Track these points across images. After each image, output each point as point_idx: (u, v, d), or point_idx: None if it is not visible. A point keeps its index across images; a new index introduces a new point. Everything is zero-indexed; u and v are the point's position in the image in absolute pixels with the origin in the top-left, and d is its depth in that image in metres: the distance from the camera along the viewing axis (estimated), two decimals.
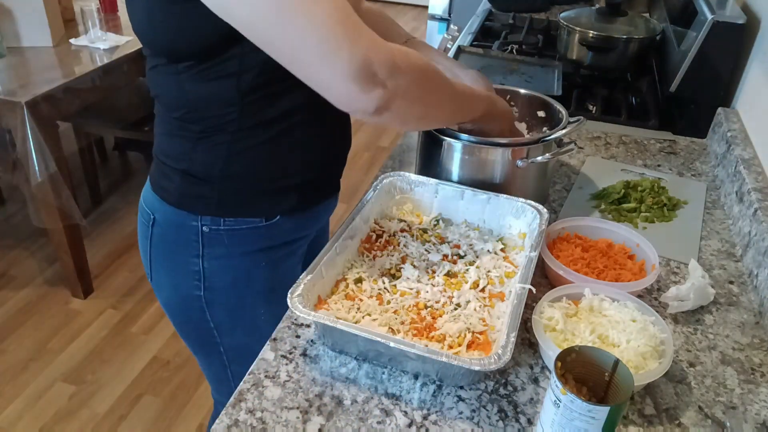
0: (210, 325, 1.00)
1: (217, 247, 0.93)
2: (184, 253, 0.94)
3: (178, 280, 0.97)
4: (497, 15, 2.11)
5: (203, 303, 0.97)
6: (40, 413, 1.88)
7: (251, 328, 1.00)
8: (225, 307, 0.99)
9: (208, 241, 0.92)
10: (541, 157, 0.99)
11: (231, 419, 0.70)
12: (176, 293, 0.99)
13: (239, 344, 1.03)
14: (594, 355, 0.65)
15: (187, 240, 0.93)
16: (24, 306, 2.29)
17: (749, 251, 0.99)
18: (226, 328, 1.01)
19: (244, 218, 0.92)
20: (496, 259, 0.90)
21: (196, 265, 0.94)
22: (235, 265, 0.95)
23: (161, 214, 0.94)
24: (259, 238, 0.94)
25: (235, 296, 0.98)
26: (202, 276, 0.95)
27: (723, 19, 1.27)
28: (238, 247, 0.94)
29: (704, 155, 1.33)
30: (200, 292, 0.96)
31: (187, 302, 0.99)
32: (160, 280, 1.00)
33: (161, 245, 0.96)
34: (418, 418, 0.71)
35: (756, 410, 0.75)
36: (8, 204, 2.84)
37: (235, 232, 0.92)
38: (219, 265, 0.95)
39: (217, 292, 0.97)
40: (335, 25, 0.64)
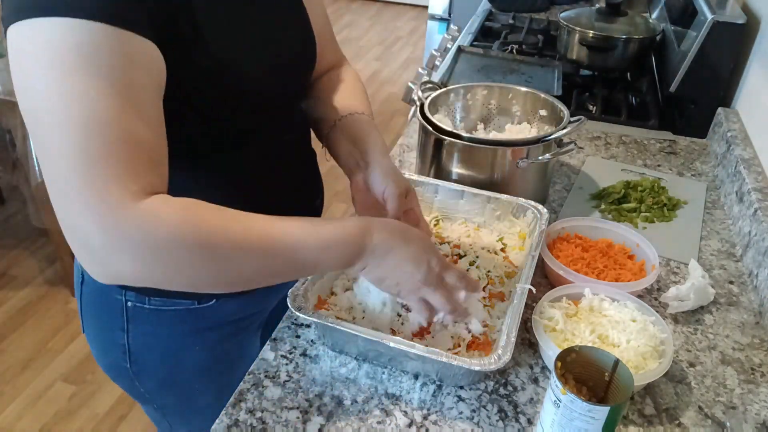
0: (141, 390, 0.92)
1: (141, 325, 0.83)
2: (110, 323, 0.84)
3: (105, 346, 0.89)
4: (497, 15, 2.11)
5: (131, 374, 0.88)
6: (40, 413, 1.88)
7: (188, 396, 0.91)
8: (154, 379, 0.90)
9: (133, 316, 0.82)
10: (542, 157, 0.99)
11: (231, 419, 0.70)
12: (104, 357, 0.91)
13: (176, 406, 0.95)
14: (594, 355, 0.65)
15: (111, 310, 0.83)
16: (24, 306, 2.28)
17: (749, 251, 0.99)
18: (158, 395, 0.93)
19: (173, 299, 0.81)
20: (496, 259, 0.90)
21: (121, 339, 0.84)
22: (163, 345, 0.86)
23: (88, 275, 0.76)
24: (192, 319, 0.84)
25: (166, 371, 0.89)
26: (127, 350, 0.85)
27: (723, 19, 1.27)
28: (166, 328, 0.84)
29: (704, 155, 1.33)
30: (126, 364, 0.87)
31: (115, 369, 0.90)
32: (89, 338, 0.91)
33: (89, 307, 0.87)
34: (418, 418, 0.71)
35: (756, 410, 0.75)
36: (8, 204, 2.84)
37: (162, 312, 0.82)
38: (145, 343, 0.85)
39: (145, 366, 0.88)
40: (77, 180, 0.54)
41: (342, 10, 5.36)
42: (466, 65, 1.58)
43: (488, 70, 1.56)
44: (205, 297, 0.82)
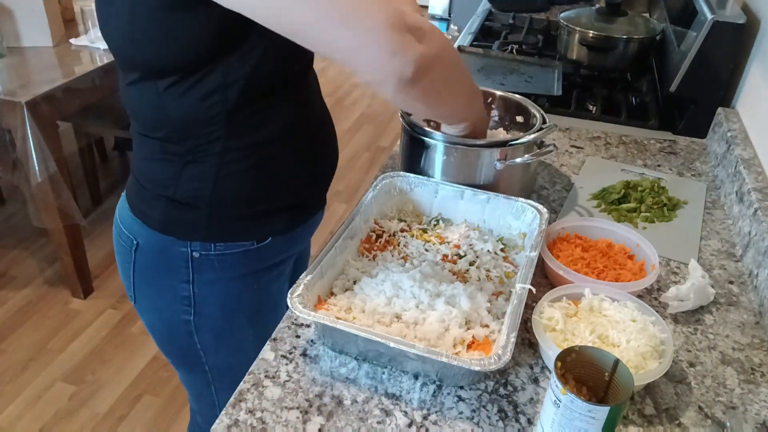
0: (197, 347, 0.98)
1: (207, 273, 0.90)
2: (173, 278, 0.90)
3: (165, 305, 0.94)
4: (497, 15, 2.11)
5: (192, 327, 0.95)
6: (40, 413, 1.88)
7: (237, 349, 0.98)
8: (213, 331, 0.97)
9: (198, 266, 0.89)
10: (520, 159, 0.98)
11: (231, 419, 0.70)
12: (163, 317, 0.96)
13: (224, 364, 1.01)
14: (594, 355, 0.65)
15: (175, 266, 0.89)
16: (24, 306, 2.29)
17: (749, 251, 0.99)
18: (213, 349, 0.99)
19: (236, 242, 0.89)
20: (496, 259, 0.90)
21: (185, 291, 0.91)
22: (226, 290, 0.93)
23: (145, 240, 0.89)
24: (250, 261, 0.92)
25: (224, 320, 0.96)
26: (192, 301, 0.92)
27: (723, 19, 1.27)
28: (229, 272, 0.91)
29: (704, 155, 1.33)
30: (189, 317, 0.93)
31: (174, 326, 0.96)
32: (145, 304, 0.97)
33: (146, 271, 0.92)
34: (418, 418, 0.71)
35: (756, 410, 0.75)
36: (8, 204, 2.84)
37: (226, 256, 0.89)
38: (210, 290, 0.92)
39: (207, 317, 0.94)
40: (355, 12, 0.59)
41: None
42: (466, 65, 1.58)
43: (488, 70, 1.56)
44: (263, 237, 0.91)
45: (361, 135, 3.61)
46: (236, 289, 0.94)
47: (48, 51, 2.20)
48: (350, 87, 4.16)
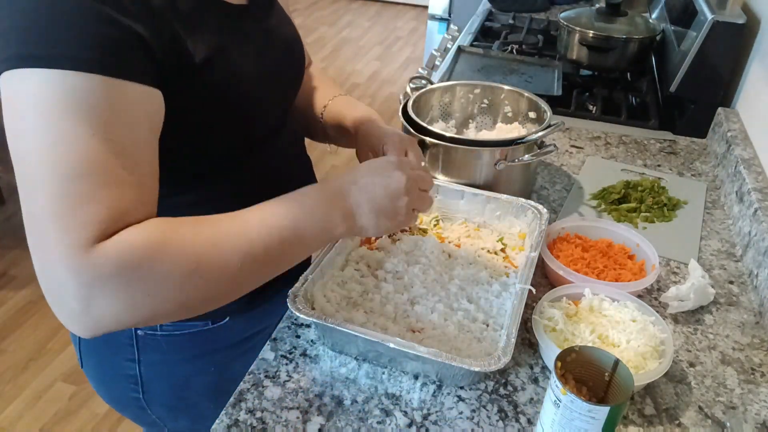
0: (152, 417, 0.91)
1: (153, 353, 0.82)
2: (117, 355, 0.83)
3: (112, 380, 0.87)
4: (497, 15, 2.11)
5: (142, 403, 0.87)
6: (40, 413, 1.88)
7: (198, 418, 0.89)
8: (166, 406, 0.90)
9: (144, 346, 0.81)
10: (521, 159, 0.98)
11: (231, 419, 0.70)
12: (110, 391, 0.90)
13: (186, 426, 0.95)
14: (594, 355, 0.65)
15: (119, 343, 0.81)
16: (24, 306, 2.28)
17: (749, 251, 0.99)
18: (170, 419, 0.92)
19: (186, 322, 0.80)
20: (496, 259, 0.91)
21: (131, 370, 0.83)
22: (175, 372, 0.85)
23: None
24: (204, 341, 0.83)
25: (177, 398, 0.89)
26: (139, 381, 0.84)
27: (723, 19, 1.27)
28: (178, 353, 0.83)
29: (704, 155, 1.33)
30: (138, 394, 0.86)
31: (123, 401, 0.89)
32: (92, 374, 0.90)
33: (91, 342, 0.85)
34: (418, 418, 0.71)
35: (756, 410, 0.75)
36: (8, 204, 2.84)
37: (174, 337, 0.81)
38: (157, 372, 0.84)
39: (157, 395, 0.87)
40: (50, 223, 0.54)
41: (342, 10, 5.36)
42: (466, 65, 1.58)
43: (488, 70, 1.56)
44: (218, 316, 0.82)
45: None
46: (188, 371, 0.86)
47: None
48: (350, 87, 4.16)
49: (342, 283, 0.84)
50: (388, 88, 4.03)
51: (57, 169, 0.53)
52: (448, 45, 1.84)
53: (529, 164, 1.02)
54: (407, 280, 0.85)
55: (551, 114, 1.06)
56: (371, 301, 0.81)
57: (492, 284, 0.85)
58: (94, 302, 0.54)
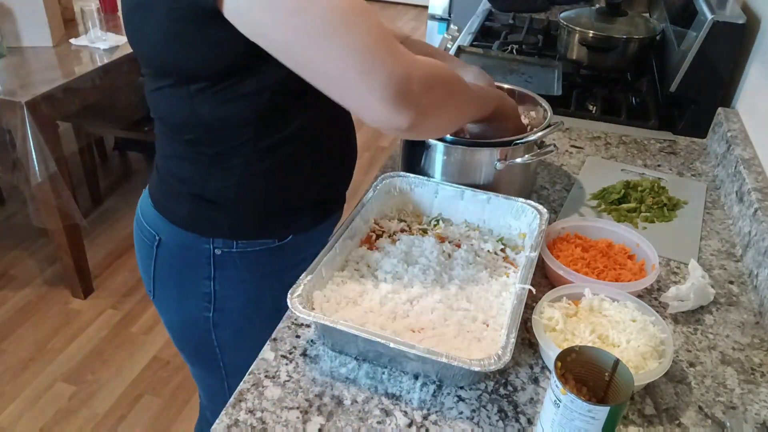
0: (214, 344, 0.99)
1: (229, 270, 0.91)
2: (195, 275, 0.92)
3: (185, 301, 0.95)
4: (497, 15, 2.11)
5: (210, 324, 0.96)
6: (40, 413, 1.88)
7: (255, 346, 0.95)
8: (232, 328, 0.97)
9: (220, 263, 0.90)
10: (521, 159, 0.98)
11: (231, 419, 0.70)
12: (182, 313, 0.98)
13: (240, 360, 0.98)
14: (594, 355, 0.65)
15: (197, 262, 0.90)
16: (24, 306, 2.29)
17: (749, 251, 0.99)
18: (230, 347, 1.00)
19: (258, 240, 0.90)
20: (496, 259, 0.91)
21: (207, 287, 0.92)
22: (247, 288, 0.94)
23: (168, 236, 0.91)
24: (272, 259, 0.93)
25: (244, 317, 0.97)
26: (212, 298, 0.93)
27: (723, 19, 1.27)
28: (250, 269, 0.92)
29: (704, 155, 1.33)
30: (209, 313, 0.94)
31: (193, 322, 0.97)
32: (165, 299, 0.98)
33: (168, 266, 0.94)
34: (418, 418, 0.71)
35: (756, 410, 0.75)
36: (8, 204, 2.84)
37: (247, 254, 0.91)
38: (231, 288, 0.93)
39: (226, 314, 0.95)
40: (374, 45, 0.64)
41: None
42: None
43: (488, 70, 1.54)
44: (284, 235, 0.92)
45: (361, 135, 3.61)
46: (257, 287, 0.94)
47: (48, 51, 2.20)
48: None
49: (342, 283, 0.84)
50: None
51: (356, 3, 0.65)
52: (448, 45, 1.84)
53: (529, 164, 1.02)
54: (407, 281, 0.85)
55: (551, 114, 1.06)
56: (371, 301, 0.81)
57: (492, 284, 0.85)
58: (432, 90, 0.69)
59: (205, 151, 0.84)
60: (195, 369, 1.10)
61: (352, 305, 0.81)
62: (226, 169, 0.84)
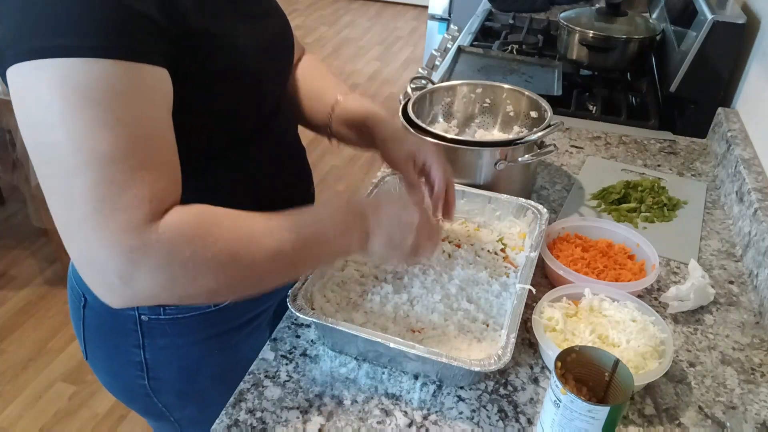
0: (159, 406, 0.90)
1: (159, 338, 0.82)
2: (123, 342, 0.83)
3: (118, 368, 0.87)
4: (497, 15, 2.11)
5: (148, 390, 0.87)
6: (40, 413, 1.88)
7: (206, 406, 0.88)
8: (173, 393, 0.89)
9: (149, 330, 0.81)
10: (521, 159, 0.98)
11: (231, 419, 0.70)
12: (117, 380, 0.90)
13: (193, 416, 0.94)
14: (594, 355, 0.65)
15: (124, 329, 0.81)
16: (24, 306, 2.28)
17: (749, 251, 0.99)
18: (177, 407, 0.92)
19: (187, 306, 0.80)
20: (496, 259, 0.90)
21: (137, 356, 0.83)
22: (182, 355, 0.85)
23: (93, 297, 0.79)
24: (210, 324, 0.84)
25: (185, 383, 0.88)
26: (144, 366, 0.84)
27: (723, 19, 1.27)
28: (184, 337, 0.83)
29: (704, 155, 1.33)
30: (144, 381, 0.86)
31: (130, 389, 0.89)
32: (97, 364, 0.90)
33: (96, 330, 0.85)
34: (418, 418, 0.71)
35: (756, 410, 0.75)
36: (8, 204, 2.84)
37: (178, 320, 0.81)
38: (164, 356, 0.84)
39: (164, 381, 0.87)
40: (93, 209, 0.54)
41: (342, 10, 5.36)
42: (466, 65, 1.58)
43: (488, 70, 1.56)
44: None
45: None
46: (194, 354, 0.86)
47: None
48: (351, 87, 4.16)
49: (342, 283, 0.84)
50: (388, 88, 4.03)
51: (94, 155, 0.53)
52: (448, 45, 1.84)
53: (529, 164, 1.02)
54: (407, 281, 0.85)
55: (551, 114, 1.06)
56: (371, 302, 0.81)
57: (492, 284, 0.85)
58: (136, 279, 0.56)
59: None
60: (149, 422, 1.02)
61: (352, 305, 0.81)
62: None
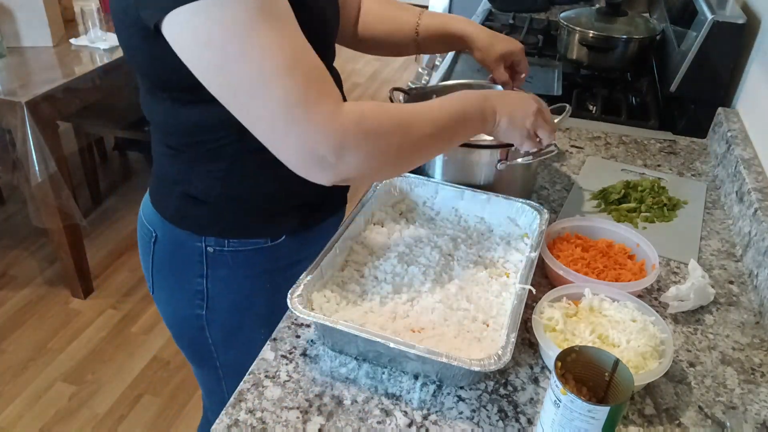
0: (209, 342, 0.99)
1: (221, 268, 0.91)
2: (188, 272, 0.92)
3: (179, 297, 0.96)
4: (497, 15, 2.11)
5: (203, 322, 0.96)
6: (40, 413, 1.88)
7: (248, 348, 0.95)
8: (224, 328, 0.98)
9: (212, 261, 0.91)
10: (522, 159, 0.98)
11: (231, 419, 0.70)
12: (177, 310, 0.98)
13: (236, 361, 0.99)
14: (594, 355, 0.65)
15: (190, 259, 0.91)
16: (24, 306, 2.28)
17: (749, 251, 0.99)
18: (224, 346, 1.00)
19: (249, 239, 0.90)
20: (496, 260, 0.90)
21: (199, 285, 0.92)
22: (238, 287, 0.94)
23: (163, 232, 0.92)
24: (264, 259, 0.93)
25: (236, 318, 0.97)
26: (205, 296, 0.93)
27: (723, 19, 1.27)
28: (243, 269, 0.92)
29: (704, 155, 1.33)
30: (202, 311, 0.95)
31: (187, 320, 0.97)
32: (161, 295, 0.99)
33: (164, 263, 0.95)
34: (418, 418, 0.71)
35: (756, 410, 0.75)
36: (8, 204, 2.84)
37: (239, 253, 0.91)
38: (223, 287, 0.93)
39: (218, 313, 0.95)
40: (287, 112, 0.65)
41: None
42: (466, 65, 1.58)
43: None
44: (276, 235, 0.92)
45: None
46: (249, 287, 0.94)
47: (48, 51, 2.19)
48: (351, 86, 4.16)
49: (342, 283, 0.84)
50: (388, 88, 4.03)
51: (282, 60, 0.64)
52: None
53: (529, 165, 1.02)
54: (407, 281, 0.85)
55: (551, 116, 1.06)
56: (371, 302, 0.81)
57: (492, 284, 0.85)
58: (346, 153, 0.68)
59: (190, 153, 0.84)
60: (195, 368, 1.11)
61: (352, 305, 0.81)
62: (211, 170, 0.84)
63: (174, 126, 0.82)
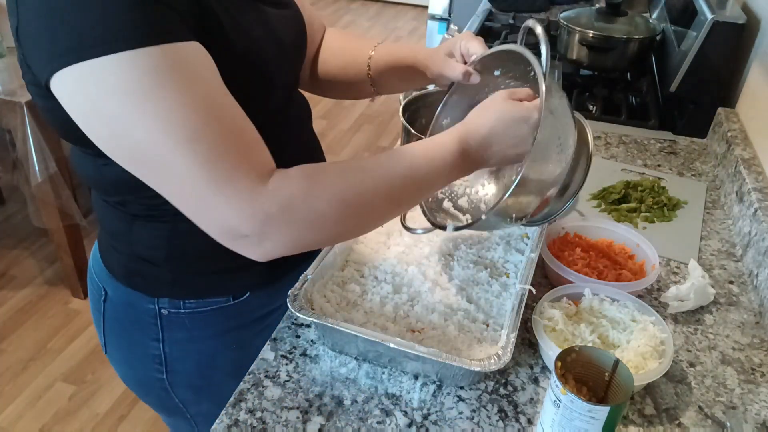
0: (175, 401, 0.91)
1: (178, 331, 0.83)
2: (142, 335, 0.84)
3: (136, 361, 0.88)
4: (497, 15, 2.11)
5: (166, 384, 0.88)
6: (40, 413, 1.88)
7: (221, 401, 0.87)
8: (190, 388, 0.90)
9: (168, 324, 0.82)
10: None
11: (231, 419, 0.70)
12: (135, 373, 0.91)
13: (209, 412, 0.89)
14: (594, 355, 0.65)
15: (143, 322, 0.82)
16: (24, 306, 2.28)
17: (749, 251, 0.99)
18: (193, 402, 0.92)
19: (207, 299, 0.82)
20: (496, 260, 0.90)
21: (156, 349, 0.84)
22: (200, 350, 0.86)
23: (113, 290, 0.84)
24: (227, 318, 0.84)
25: (201, 378, 0.89)
26: (163, 360, 0.85)
27: (723, 19, 1.27)
28: (203, 330, 0.84)
29: (704, 155, 1.33)
30: (162, 375, 0.87)
31: (148, 383, 0.90)
32: (116, 356, 0.91)
33: (115, 323, 0.86)
34: (418, 418, 0.71)
35: (756, 410, 0.75)
36: (8, 204, 2.84)
37: (197, 314, 0.82)
38: (182, 350, 0.85)
39: (181, 375, 0.88)
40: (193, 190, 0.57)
41: (342, 10, 5.36)
42: None
43: None
44: (239, 292, 0.84)
45: (361, 135, 3.61)
46: (212, 348, 0.87)
47: None
48: None
49: (342, 283, 0.84)
50: None
51: (184, 132, 0.56)
52: None
53: None
54: (407, 281, 0.85)
55: None
56: (371, 302, 0.81)
57: (492, 284, 0.85)
58: (269, 235, 0.59)
59: (129, 208, 0.76)
60: (164, 419, 1.03)
61: (352, 305, 0.81)
62: (151, 228, 0.77)
63: (103, 182, 0.74)
